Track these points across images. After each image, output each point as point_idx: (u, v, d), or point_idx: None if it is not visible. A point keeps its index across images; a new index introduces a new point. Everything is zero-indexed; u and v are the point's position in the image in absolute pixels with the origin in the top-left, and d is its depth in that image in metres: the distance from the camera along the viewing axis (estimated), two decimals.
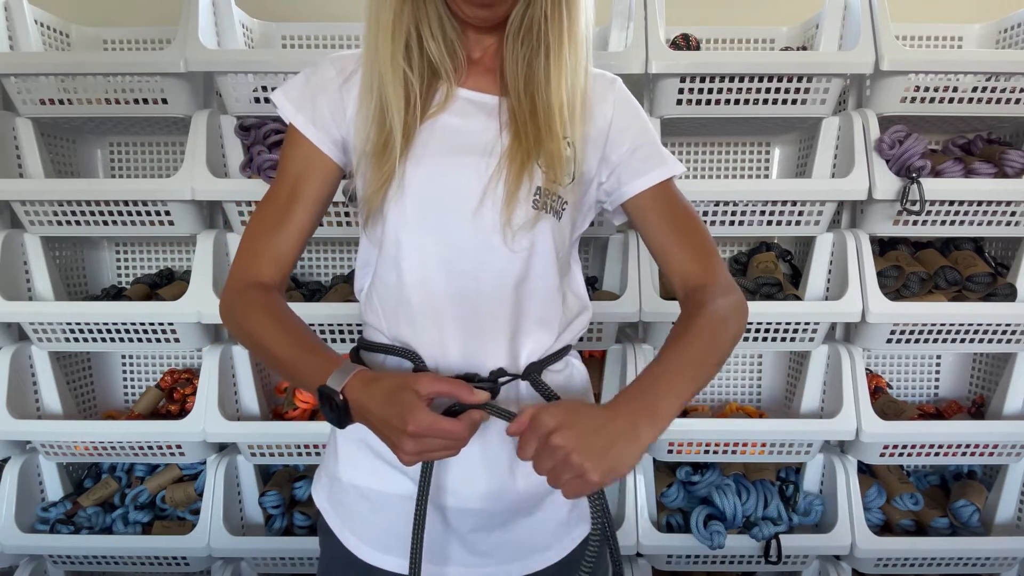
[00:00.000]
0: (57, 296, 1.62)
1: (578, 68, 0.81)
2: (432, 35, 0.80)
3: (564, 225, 0.84)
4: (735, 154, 1.83)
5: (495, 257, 0.81)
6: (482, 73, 0.85)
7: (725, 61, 1.47)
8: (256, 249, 0.85)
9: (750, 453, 1.60)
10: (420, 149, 0.81)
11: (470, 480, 0.84)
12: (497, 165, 0.80)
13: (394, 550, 0.86)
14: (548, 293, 0.85)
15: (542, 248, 0.82)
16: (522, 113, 0.80)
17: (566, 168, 0.81)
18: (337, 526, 0.89)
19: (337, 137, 0.85)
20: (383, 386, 0.72)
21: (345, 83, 0.85)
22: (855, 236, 1.55)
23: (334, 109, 0.85)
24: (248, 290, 0.83)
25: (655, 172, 0.87)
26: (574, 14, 0.79)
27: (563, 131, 0.80)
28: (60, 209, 1.54)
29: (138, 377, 1.89)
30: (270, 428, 1.56)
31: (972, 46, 1.77)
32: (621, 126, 0.88)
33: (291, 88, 0.86)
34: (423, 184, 0.80)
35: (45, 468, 1.69)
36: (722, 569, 1.66)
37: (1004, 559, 1.60)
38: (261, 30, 1.74)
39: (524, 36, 0.80)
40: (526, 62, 0.80)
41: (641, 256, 1.54)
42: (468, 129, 0.82)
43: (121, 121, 1.65)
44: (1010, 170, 1.50)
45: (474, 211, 0.80)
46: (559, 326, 0.87)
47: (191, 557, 1.62)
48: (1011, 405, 1.61)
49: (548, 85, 0.79)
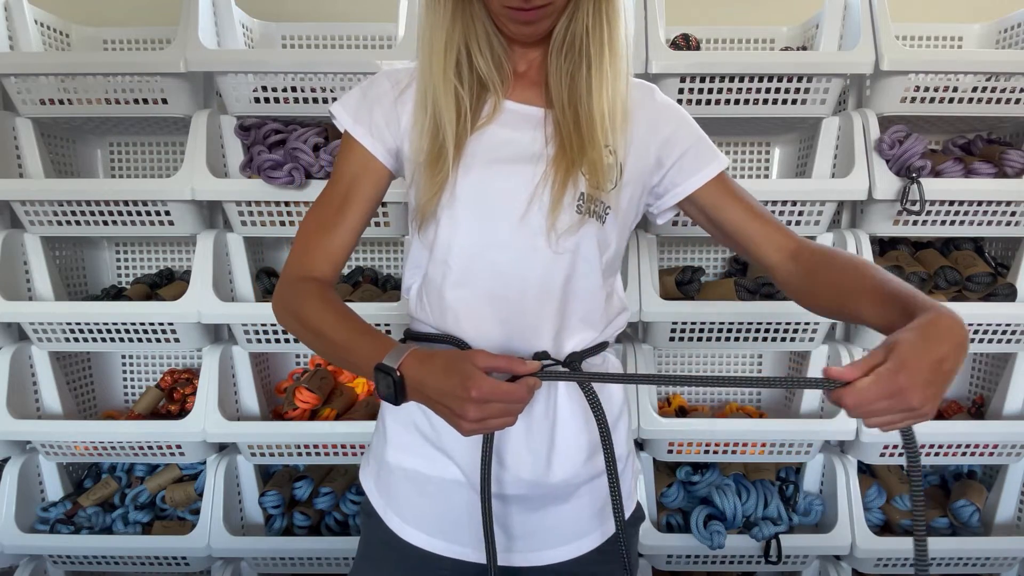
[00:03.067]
0: (57, 296, 1.62)
1: (619, 79, 0.84)
2: (480, 51, 0.85)
3: (608, 229, 0.88)
4: (735, 154, 1.83)
5: (540, 259, 0.85)
6: (527, 86, 0.90)
7: (725, 61, 1.47)
8: (309, 247, 0.89)
9: (750, 453, 1.60)
10: (470, 159, 0.85)
11: (511, 467, 0.87)
12: (544, 173, 0.84)
13: (437, 532, 0.89)
14: (591, 293, 0.89)
15: (586, 251, 0.86)
16: (566, 124, 0.84)
17: (608, 175, 0.85)
18: (382, 508, 0.92)
19: (392, 146, 0.90)
20: (440, 360, 0.75)
21: (400, 96, 0.90)
22: (855, 236, 1.55)
23: (389, 120, 0.89)
24: (302, 282, 0.87)
25: (713, 165, 0.92)
26: (614, 28, 0.83)
27: (605, 140, 0.83)
28: (60, 209, 1.54)
29: (138, 377, 1.89)
30: (270, 428, 1.56)
31: (972, 46, 1.77)
32: (667, 132, 0.92)
33: (348, 100, 0.91)
34: (473, 191, 0.85)
35: (45, 468, 1.69)
36: (722, 569, 1.66)
37: (1004, 559, 1.60)
38: (261, 30, 1.74)
39: (567, 51, 0.84)
40: (569, 75, 0.84)
41: (641, 256, 1.54)
42: (516, 140, 0.86)
43: (121, 121, 1.65)
44: (1010, 170, 1.50)
45: (521, 216, 0.84)
46: (602, 323, 0.91)
47: (191, 557, 1.62)
48: (1011, 405, 1.61)
49: (590, 96, 0.83)
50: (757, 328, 1.55)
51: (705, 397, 1.89)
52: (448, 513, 0.88)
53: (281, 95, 1.51)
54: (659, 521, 1.62)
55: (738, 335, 1.56)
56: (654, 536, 1.57)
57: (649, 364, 1.59)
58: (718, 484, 1.62)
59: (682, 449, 1.58)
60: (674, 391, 1.89)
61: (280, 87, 1.50)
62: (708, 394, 1.89)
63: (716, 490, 1.59)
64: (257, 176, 1.48)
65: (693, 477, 1.65)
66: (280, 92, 1.51)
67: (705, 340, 1.57)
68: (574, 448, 0.88)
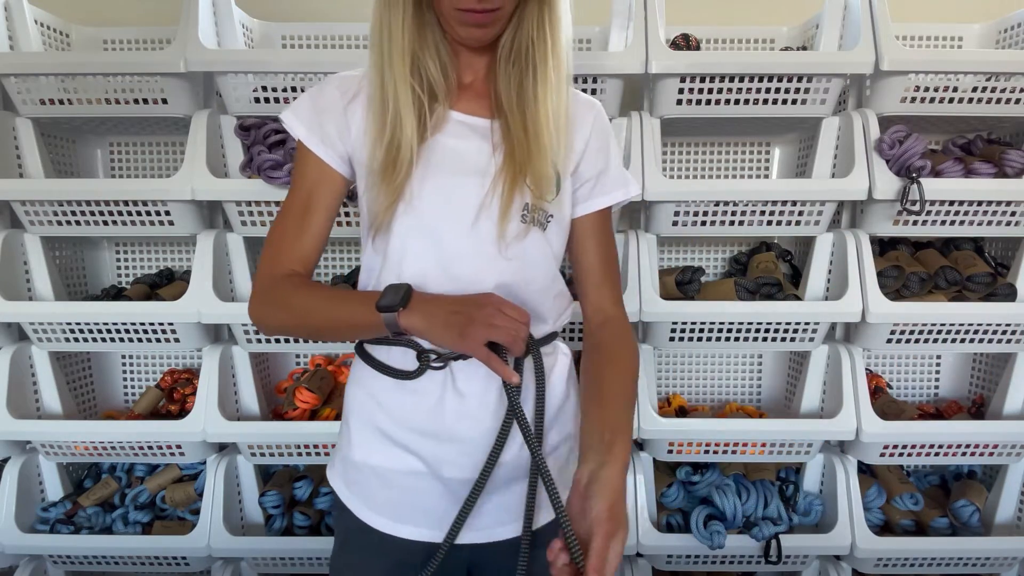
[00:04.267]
0: (57, 296, 1.62)
1: (562, 84, 0.89)
2: (430, 57, 0.87)
3: (550, 235, 0.93)
4: (735, 154, 1.83)
5: (490, 265, 0.89)
6: (473, 98, 0.93)
7: (725, 61, 1.47)
8: (281, 252, 0.93)
9: (750, 453, 1.60)
10: (423, 169, 0.88)
11: (468, 453, 0.91)
12: (492, 183, 0.88)
13: (405, 519, 0.94)
14: (541, 294, 0.94)
15: (533, 256, 0.91)
16: (516, 129, 0.88)
17: (550, 185, 0.90)
18: (352, 502, 0.97)
19: (344, 154, 0.93)
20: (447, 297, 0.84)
21: (349, 104, 0.92)
22: (855, 236, 1.55)
23: (339, 128, 0.92)
24: (280, 280, 0.91)
25: (620, 191, 0.99)
26: (557, 36, 0.87)
27: (551, 145, 0.88)
28: (60, 209, 1.54)
29: (138, 377, 1.89)
30: (270, 428, 1.56)
31: (972, 46, 1.77)
32: (596, 147, 0.98)
33: (299, 108, 0.94)
34: (429, 201, 0.88)
35: (45, 468, 1.69)
36: (722, 569, 1.66)
37: (1004, 559, 1.60)
38: (261, 30, 1.74)
39: (515, 58, 0.88)
40: (518, 82, 0.88)
41: (641, 256, 1.54)
42: (464, 149, 0.90)
43: (121, 121, 1.65)
44: (1010, 170, 1.50)
45: (472, 224, 0.88)
46: (551, 318, 0.98)
47: (191, 557, 1.62)
48: (1011, 405, 1.61)
49: (537, 102, 0.87)
50: (757, 328, 1.55)
51: (705, 397, 1.89)
52: (414, 501, 0.93)
53: (281, 95, 1.51)
54: (659, 521, 1.62)
55: (738, 335, 1.56)
56: (654, 536, 1.57)
57: (649, 364, 1.59)
58: (718, 484, 1.62)
59: (682, 449, 1.58)
60: (674, 390, 1.89)
61: (280, 87, 1.50)
62: (708, 394, 1.89)
63: (716, 490, 1.59)
64: (257, 176, 1.48)
65: (693, 477, 1.65)
66: (280, 92, 1.51)
67: (705, 340, 1.57)
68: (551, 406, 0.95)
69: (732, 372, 1.88)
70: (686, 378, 1.89)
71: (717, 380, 1.89)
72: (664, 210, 1.53)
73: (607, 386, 0.90)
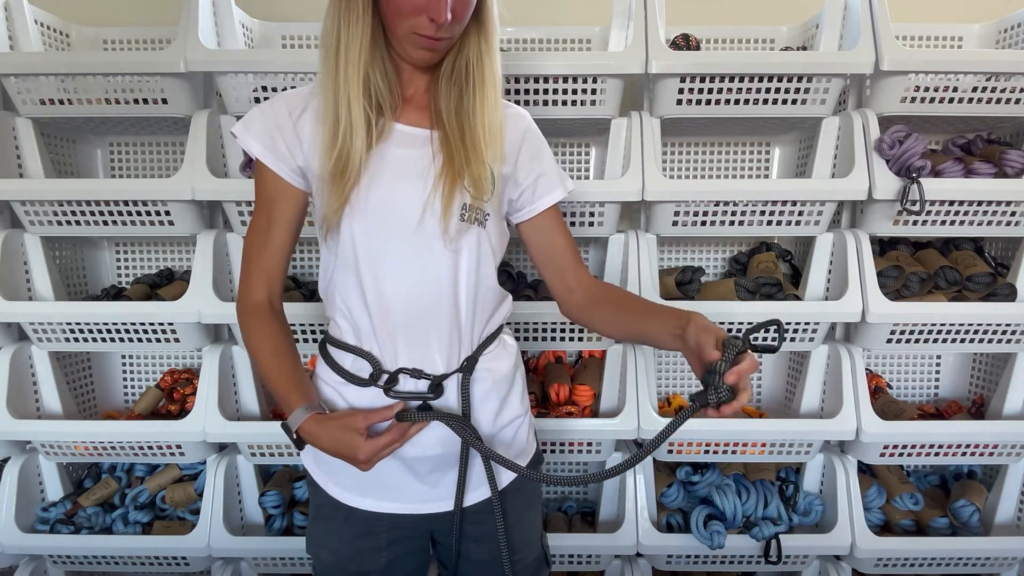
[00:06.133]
0: (57, 296, 1.62)
1: (496, 100, 1.00)
2: (379, 75, 0.96)
3: (490, 230, 1.02)
4: (735, 154, 1.83)
5: (438, 260, 0.98)
6: (415, 110, 1.01)
7: (725, 61, 1.47)
8: (250, 270, 1.03)
9: (750, 453, 1.60)
10: (370, 175, 0.96)
11: (427, 431, 1.02)
12: (433, 184, 0.97)
13: (370, 494, 1.05)
14: (484, 285, 1.03)
15: (474, 248, 1.00)
16: (454, 138, 0.97)
17: (487, 186, 0.99)
18: (322, 480, 1.08)
19: (296, 167, 1.00)
20: (329, 428, 0.96)
21: (298, 120, 1.00)
22: (855, 236, 1.55)
23: (290, 142, 0.99)
24: (248, 313, 1.03)
25: (559, 190, 1.10)
26: (494, 60, 0.99)
27: (486, 151, 0.98)
28: (60, 209, 1.54)
29: (138, 377, 1.89)
30: (270, 428, 1.56)
31: (972, 46, 1.77)
32: (529, 155, 1.07)
33: (252, 126, 1.00)
34: (376, 204, 0.96)
35: (45, 468, 1.69)
36: (722, 569, 1.66)
37: (1004, 559, 1.60)
38: (261, 30, 1.74)
39: (456, 78, 0.99)
40: (458, 97, 0.98)
41: (641, 256, 1.54)
42: (408, 157, 0.98)
43: (121, 121, 1.65)
44: (1010, 170, 1.50)
45: (417, 222, 0.97)
46: (490, 311, 1.07)
47: (191, 557, 1.62)
48: (1011, 405, 1.61)
49: (474, 114, 0.97)
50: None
51: None
52: (376, 478, 1.03)
53: None
54: (659, 521, 1.62)
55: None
56: (654, 536, 1.57)
57: (649, 364, 1.59)
58: (718, 484, 1.62)
59: (682, 449, 1.58)
60: (674, 390, 1.89)
61: (280, 87, 1.50)
62: None
63: (716, 490, 1.59)
64: None
65: (693, 477, 1.65)
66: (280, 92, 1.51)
67: None
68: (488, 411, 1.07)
69: None
70: (686, 378, 1.89)
71: None
72: (664, 210, 1.54)
73: (639, 300, 1.07)
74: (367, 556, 1.07)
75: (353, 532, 1.06)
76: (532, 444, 1.16)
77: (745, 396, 0.81)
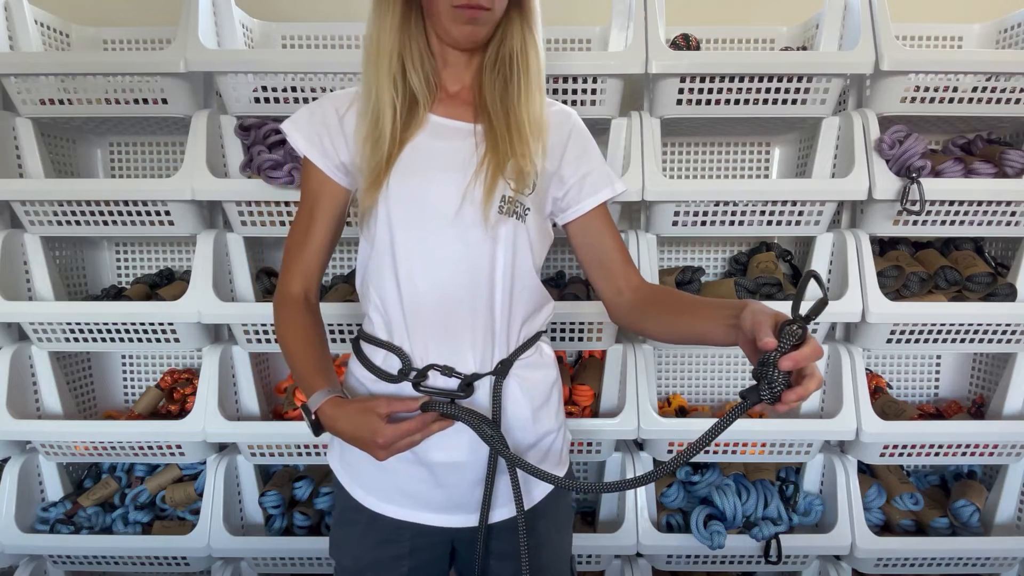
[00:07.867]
0: (57, 296, 1.62)
1: (540, 90, 0.99)
2: (413, 66, 0.96)
3: (530, 226, 1.00)
4: (735, 154, 1.83)
5: (472, 250, 0.96)
6: (458, 105, 1.01)
7: (725, 61, 1.47)
8: (289, 266, 1.03)
9: (750, 453, 1.60)
10: (404, 165, 0.96)
11: (454, 435, 0.98)
12: (475, 173, 0.95)
13: (394, 500, 1.02)
14: (522, 281, 1.00)
15: (513, 240, 0.98)
16: (500, 126, 0.96)
17: (528, 179, 0.97)
18: (347, 482, 1.06)
19: (339, 162, 1.01)
20: (349, 411, 0.93)
21: (343, 117, 1.01)
22: (855, 236, 1.55)
23: (335, 140, 1.00)
24: (283, 305, 1.02)
25: (607, 189, 1.06)
26: (537, 48, 0.98)
27: (530, 141, 0.96)
28: (60, 209, 1.54)
29: (138, 377, 1.89)
30: (270, 428, 1.56)
31: (972, 46, 1.77)
32: (575, 153, 1.05)
33: (300, 122, 1.01)
34: (410, 193, 0.95)
35: (45, 468, 1.69)
36: (722, 569, 1.66)
37: (1004, 559, 1.60)
38: (261, 30, 1.74)
39: (499, 67, 0.98)
40: (503, 86, 0.98)
41: (641, 256, 1.54)
42: (445, 149, 0.97)
43: (121, 121, 1.65)
44: (1010, 170, 1.50)
45: (455, 212, 0.95)
46: (527, 312, 1.03)
47: (191, 557, 1.62)
48: (1011, 405, 1.61)
49: (519, 103, 0.96)
50: None
51: (705, 397, 1.89)
52: (398, 484, 1.01)
53: (281, 95, 1.51)
54: (659, 521, 1.62)
55: None
56: (654, 536, 1.57)
57: (649, 364, 1.59)
58: (718, 484, 1.62)
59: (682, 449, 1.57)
60: (674, 390, 1.89)
61: (280, 87, 1.50)
62: (708, 394, 1.89)
63: (716, 490, 1.59)
64: (257, 176, 1.48)
65: (693, 477, 1.65)
66: (280, 92, 1.51)
67: None
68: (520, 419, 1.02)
69: (732, 372, 1.88)
70: (686, 378, 1.89)
71: (717, 380, 1.89)
72: (664, 210, 1.53)
73: (689, 297, 0.99)
74: (388, 565, 1.03)
75: (376, 538, 1.03)
76: (565, 460, 1.11)
77: (814, 383, 0.71)
